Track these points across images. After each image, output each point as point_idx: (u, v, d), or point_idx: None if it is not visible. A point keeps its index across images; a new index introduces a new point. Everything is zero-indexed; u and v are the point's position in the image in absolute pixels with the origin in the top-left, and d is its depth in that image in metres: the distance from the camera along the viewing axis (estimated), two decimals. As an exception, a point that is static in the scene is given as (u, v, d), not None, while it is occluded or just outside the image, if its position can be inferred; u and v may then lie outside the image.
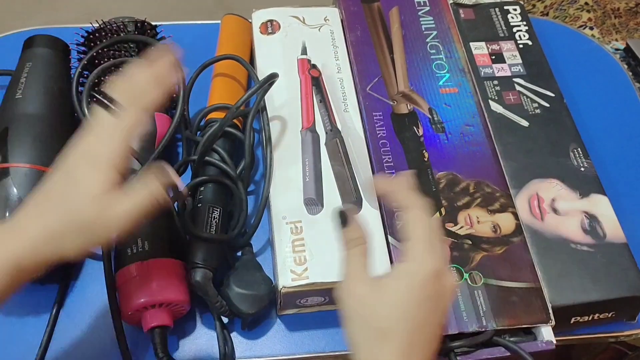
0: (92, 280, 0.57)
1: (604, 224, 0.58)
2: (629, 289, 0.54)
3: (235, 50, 0.67)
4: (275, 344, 0.55)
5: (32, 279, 0.40)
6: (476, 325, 0.51)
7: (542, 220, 0.58)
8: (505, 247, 0.55)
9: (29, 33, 0.63)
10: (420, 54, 0.67)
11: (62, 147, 0.40)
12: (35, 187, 0.41)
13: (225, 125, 0.58)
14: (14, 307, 0.55)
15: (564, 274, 0.55)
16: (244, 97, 0.57)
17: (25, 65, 0.59)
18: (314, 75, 0.64)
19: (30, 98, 0.56)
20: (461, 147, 0.61)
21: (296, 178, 0.58)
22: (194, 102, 0.65)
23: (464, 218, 0.56)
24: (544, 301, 0.53)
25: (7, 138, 0.53)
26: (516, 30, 0.71)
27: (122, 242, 0.54)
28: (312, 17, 0.69)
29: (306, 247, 0.54)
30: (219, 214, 0.56)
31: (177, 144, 0.66)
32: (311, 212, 0.56)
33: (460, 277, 0.53)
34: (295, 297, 0.53)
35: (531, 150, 0.62)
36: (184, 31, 0.71)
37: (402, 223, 0.41)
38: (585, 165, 0.61)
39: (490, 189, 0.58)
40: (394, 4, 0.71)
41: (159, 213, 0.42)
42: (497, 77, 0.67)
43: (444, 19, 0.70)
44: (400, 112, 0.63)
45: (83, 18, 0.66)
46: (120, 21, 0.62)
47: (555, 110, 0.65)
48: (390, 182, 0.43)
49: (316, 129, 0.61)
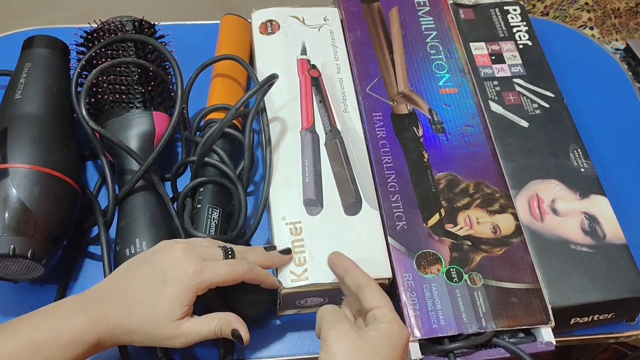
0: (92, 280, 0.57)
1: (603, 225, 0.58)
2: (629, 290, 0.54)
3: (235, 51, 0.67)
4: (275, 345, 0.55)
5: (101, 351, 0.46)
6: (476, 327, 0.51)
7: (542, 221, 0.57)
8: (505, 248, 0.55)
9: (28, 33, 0.63)
10: (420, 54, 0.67)
11: (61, 147, 0.40)
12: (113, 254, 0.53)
13: (225, 126, 0.58)
14: (14, 307, 0.55)
15: (563, 274, 0.55)
16: (243, 98, 0.57)
17: (25, 65, 0.59)
18: (314, 76, 0.64)
19: (29, 98, 0.56)
20: (461, 148, 0.61)
21: (296, 179, 0.57)
22: (193, 102, 0.65)
23: (464, 219, 0.56)
24: (543, 302, 0.53)
25: (7, 138, 0.53)
26: (516, 30, 0.71)
27: (122, 242, 0.54)
28: (312, 17, 0.69)
29: (306, 248, 0.54)
30: (218, 214, 0.56)
31: (176, 144, 0.66)
32: (311, 213, 0.56)
33: (460, 278, 0.53)
34: (295, 297, 0.53)
35: (531, 150, 0.62)
36: (184, 31, 0.71)
37: (363, 295, 0.46)
38: (585, 166, 0.61)
39: (490, 190, 0.58)
40: (394, 4, 0.71)
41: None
42: (497, 78, 0.67)
43: (444, 19, 0.70)
44: (400, 112, 0.63)
45: (82, 18, 0.66)
46: (118, 21, 0.62)
47: (555, 111, 0.65)
48: (345, 260, 0.50)
49: (316, 130, 0.61)
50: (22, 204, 0.50)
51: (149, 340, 0.46)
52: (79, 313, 0.44)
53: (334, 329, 0.43)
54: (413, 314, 0.51)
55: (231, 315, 0.48)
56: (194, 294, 0.46)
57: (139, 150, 0.58)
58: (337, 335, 0.42)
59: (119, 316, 0.45)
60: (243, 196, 0.57)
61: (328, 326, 0.43)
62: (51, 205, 0.52)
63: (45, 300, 0.53)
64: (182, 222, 0.56)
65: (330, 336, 0.42)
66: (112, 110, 0.60)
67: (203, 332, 0.47)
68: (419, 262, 0.53)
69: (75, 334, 0.43)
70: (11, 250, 0.48)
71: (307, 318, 0.56)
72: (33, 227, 0.50)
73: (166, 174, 0.62)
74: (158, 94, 0.61)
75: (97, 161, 0.64)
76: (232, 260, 0.49)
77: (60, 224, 0.52)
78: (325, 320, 0.44)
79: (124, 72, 0.60)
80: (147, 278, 0.46)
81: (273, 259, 0.52)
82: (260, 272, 0.49)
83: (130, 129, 0.59)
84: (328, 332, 0.43)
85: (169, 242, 0.48)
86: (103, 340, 0.45)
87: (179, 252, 0.47)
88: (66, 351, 0.43)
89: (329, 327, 0.43)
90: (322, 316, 0.45)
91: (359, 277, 0.48)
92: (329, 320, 0.44)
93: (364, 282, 0.47)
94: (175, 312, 0.45)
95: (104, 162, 0.57)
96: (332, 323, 0.43)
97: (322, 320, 0.45)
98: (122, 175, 0.58)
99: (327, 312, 0.45)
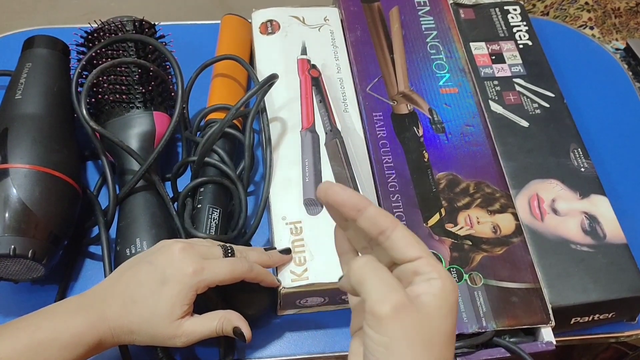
0: (92, 280, 0.57)
1: (604, 225, 0.58)
2: (629, 290, 0.54)
3: (235, 51, 0.67)
4: (275, 344, 0.55)
5: (102, 351, 0.46)
6: (476, 326, 0.51)
7: (542, 221, 0.58)
8: (505, 247, 0.55)
9: (28, 33, 0.63)
10: (420, 54, 0.67)
11: (62, 147, 0.41)
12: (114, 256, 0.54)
13: (225, 126, 0.58)
14: (14, 307, 0.55)
15: (564, 274, 0.55)
16: (243, 98, 0.57)
17: (25, 65, 0.59)
18: (314, 76, 0.64)
19: (29, 98, 0.56)
20: (461, 148, 0.61)
21: (296, 179, 0.57)
22: (193, 102, 0.65)
23: (464, 219, 0.56)
24: (544, 302, 0.53)
25: (7, 138, 0.53)
26: (516, 30, 0.71)
27: (122, 242, 0.54)
28: (312, 17, 0.69)
29: (306, 248, 0.54)
30: (218, 214, 0.56)
31: (177, 144, 0.66)
32: (311, 213, 0.56)
33: (460, 278, 0.53)
34: (295, 297, 0.53)
35: (531, 150, 0.62)
36: (184, 31, 0.71)
37: (392, 243, 0.35)
38: (585, 166, 0.61)
39: (490, 190, 0.58)
40: (394, 4, 0.71)
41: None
42: (497, 78, 0.67)
43: (444, 19, 0.70)
44: (400, 112, 0.63)
45: (82, 18, 0.66)
46: (118, 21, 0.62)
47: (556, 111, 0.65)
48: (355, 195, 0.36)
49: (316, 130, 0.61)
50: (23, 204, 0.50)
51: (149, 339, 0.46)
52: (79, 314, 0.45)
53: (388, 303, 0.31)
54: (413, 313, 0.51)
55: (232, 313, 0.48)
56: (194, 293, 0.46)
57: (140, 150, 0.58)
58: (394, 312, 0.31)
59: (119, 316, 0.45)
60: (243, 196, 0.57)
61: (379, 296, 0.32)
62: (52, 205, 0.52)
63: (46, 300, 0.53)
64: (183, 222, 0.56)
65: (385, 313, 0.31)
66: (113, 110, 0.60)
67: (204, 331, 0.47)
68: (419, 262, 0.53)
69: (76, 335, 0.43)
70: (12, 250, 0.48)
71: (307, 318, 0.56)
72: (33, 228, 0.50)
73: (166, 174, 0.62)
74: (158, 94, 0.61)
75: (97, 161, 0.64)
76: (232, 258, 0.49)
77: (61, 224, 0.52)
78: (369, 286, 0.33)
79: (125, 72, 0.60)
80: (147, 278, 0.46)
81: (273, 258, 0.52)
82: (260, 270, 0.49)
83: (131, 129, 0.59)
84: (381, 306, 0.32)
85: (168, 242, 0.48)
86: (104, 341, 0.45)
87: (179, 251, 0.47)
88: (67, 352, 0.43)
89: (381, 298, 0.32)
90: (363, 279, 0.33)
91: (382, 219, 0.35)
92: (377, 288, 0.32)
93: (390, 224, 0.35)
94: (175, 312, 0.45)
95: (105, 162, 0.57)
96: (384, 292, 0.32)
97: (363, 286, 0.33)
98: (123, 175, 0.58)
99: (370, 273, 0.33)
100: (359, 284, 0.33)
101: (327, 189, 0.36)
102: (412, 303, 0.32)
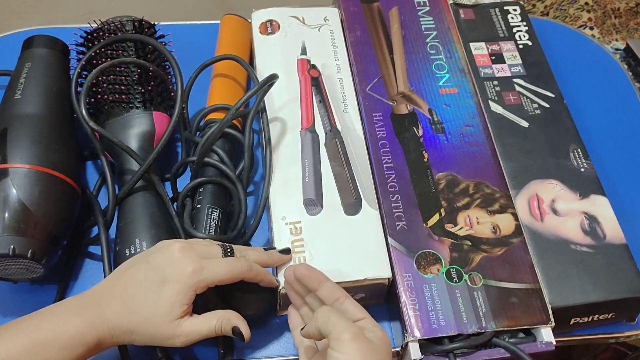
0: (92, 280, 0.57)
1: (603, 225, 0.58)
2: (629, 290, 0.54)
3: (235, 51, 0.67)
4: (275, 345, 0.55)
5: (102, 351, 0.46)
6: (476, 327, 0.51)
7: (542, 221, 0.57)
8: (505, 248, 0.55)
9: (28, 33, 0.63)
10: (420, 54, 0.67)
11: (61, 147, 0.40)
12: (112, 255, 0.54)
13: (225, 126, 0.58)
14: (14, 308, 0.55)
15: (563, 275, 0.55)
16: (243, 98, 0.57)
17: (25, 65, 0.59)
18: (314, 76, 0.64)
19: (29, 98, 0.56)
20: (461, 148, 0.61)
21: (296, 179, 0.57)
22: (193, 102, 0.65)
23: (464, 219, 0.56)
24: (543, 302, 0.52)
25: (7, 138, 0.53)
26: (516, 30, 0.71)
27: (122, 242, 0.54)
28: (312, 17, 0.69)
29: (306, 248, 0.54)
30: (218, 214, 0.56)
31: (176, 144, 0.66)
32: (311, 213, 0.56)
33: (460, 278, 0.53)
34: (295, 298, 0.53)
35: (531, 151, 0.62)
36: (184, 31, 0.71)
37: (345, 307, 0.46)
38: (585, 166, 0.61)
39: (490, 190, 0.58)
40: (394, 4, 0.71)
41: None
42: (497, 78, 0.67)
43: (444, 19, 0.70)
44: (400, 112, 0.63)
45: (82, 18, 0.66)
46: (118, 21, 0.61)
47: (555, 111, 0.65)
48: (319, 273, 0.49)
49: (316, 130, 0.61)
50: (22, 204, 0.50)
51: (149, 339, 0.46)
52: (78, 314, 0.44)
53: (349, 332, 0.42)
54: (413, 314, 0.51)
55: (231, 313, 0.48)
56: (193, 293, 0.46)
57: (139, 150, 0.58)
58: (353, 337, 0.42)
59: (118, 316, 0.45)
60: (243, 196, 0.57)
61: (341, 328, 0.42)
62: (51, 205, 0.52)
63: (46, 300, 0.53)
64: (182, 222, 0.56)
65: (346, 338, 0.42)
66: (112, 110, 0.60)
67: (203, 331, 0.47)
68: (418, 262, 0.53)
69: (75, 335, 0.43)
70: (11, 250, 0.48)
71: (307, 318, 0.56)
72: (33, 227, 0.50)
73: (166, 174, 0.62)
74: (158, 94, 0.61)
75: (97, 161, 0.64)
76: (231, 258, 0.49)
77: (60, 224, 0.52)
78: (334, 321, 0.43)
79: (124, 72, 0.60)
80: (146, 277, 0.46)
81: (272, 258, 0.52)
82: (260, 270, 0.49)
83: (130, 129, 0.59)
84: (342, 333, 0.42)
85: (167, 242, 0.48)
86: (103, 341, 0.45)
87: (178, 250, 0.47)
88: (66, 352, 0.43)
89: (343, 329, 0.42)
90: (329, 317, 0.44)
91: (337, 290, 0.47)
92: (341, 322, 0.43)
93: (342, 295, 0.47)
94: (175, 311, 0.45)
95: (104, 162, 0.57)
96: (345, 325, 0.42)
97: (329, 321, 0.43)
98: (122, 175, 0.58)
99: (334, 313, 0.44)
100: (326, 321, 0.43)
101: (294, 269, 0.49)
102: (367, 338, 0.43)
